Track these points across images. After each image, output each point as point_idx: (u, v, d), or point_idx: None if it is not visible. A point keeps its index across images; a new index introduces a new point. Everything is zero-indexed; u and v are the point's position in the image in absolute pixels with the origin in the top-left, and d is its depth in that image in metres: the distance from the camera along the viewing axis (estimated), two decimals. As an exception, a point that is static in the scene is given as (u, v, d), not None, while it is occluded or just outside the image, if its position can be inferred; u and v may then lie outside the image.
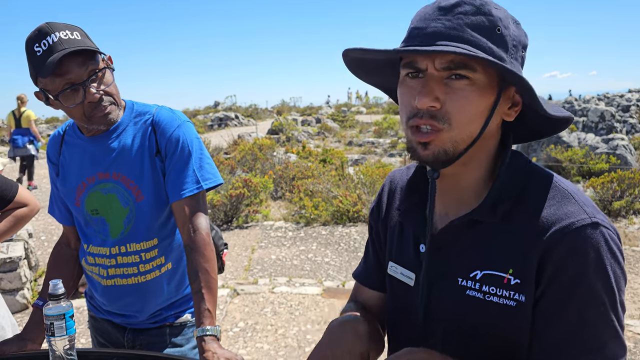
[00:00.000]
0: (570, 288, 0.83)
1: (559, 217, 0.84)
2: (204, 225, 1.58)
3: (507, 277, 0.86)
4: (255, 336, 4.03)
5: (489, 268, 0.88)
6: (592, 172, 9.92)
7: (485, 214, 0.89)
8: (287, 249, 6.33)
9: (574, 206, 0.85)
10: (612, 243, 0.84)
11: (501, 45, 0.85)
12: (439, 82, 0.84)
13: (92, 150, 1.61)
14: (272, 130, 19.49)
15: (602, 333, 0.83)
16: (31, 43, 1.43)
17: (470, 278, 0.90)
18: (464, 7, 0.84)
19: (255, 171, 10.10)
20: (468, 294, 0.90)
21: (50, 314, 1.30)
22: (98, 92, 1.48)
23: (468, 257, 0.91)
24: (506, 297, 0.86)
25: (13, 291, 4.65)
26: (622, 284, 0.85)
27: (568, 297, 0.83)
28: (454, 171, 0.92)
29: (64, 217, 1.75)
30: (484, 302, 0.88)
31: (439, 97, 0.84)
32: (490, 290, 0.88)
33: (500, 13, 0.86)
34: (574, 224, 0.83)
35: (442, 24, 0.84)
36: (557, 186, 0.89)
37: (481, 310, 0.89)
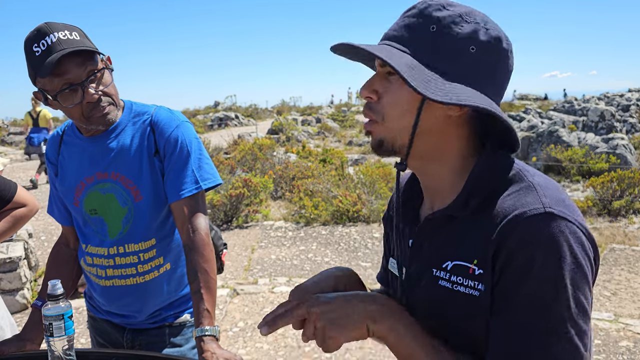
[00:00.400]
0: (517, 279, 0.81)
1: (514, 207, 0.84)
2: (203, 225, 1.58)
3: (472, 267, 0.87)
4: (255, 336, 4.02)
5: (458, 259, 0.90)
6: (592, 171, 9.92)
7: (458, 209, 0.92)
8: (287, 249, 6.33)
9: (532, 197, 0.85)
10: (570, 236, 0.81)
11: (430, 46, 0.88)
12: (382, 77, 0.92)
13: (91, 150, 1.61)
14: (272, 130, 19.49)
15: (548, 331, 0.80)
16: (30, 43, 1.42)
17: (442, 269, 0.92)
18: (412, 11, 0.91)
19: (255, 171, 10.10)
20: (439, 284, 0.92)
21: (49, 314, 1.30)
22: (97, 92, 1.48)
23: (443, 249, 0.93)
24: (471, 287, 0.87)
25: (13, 291, 4.65)
26: (580, 280, 0.81)
27: (514, 289, 0.81)
28: (417, 165, 0.97)
29: (63, 217, 1.75)
30: (452, 291, 0.89)
31: (377, 90, 0.92)
32: (458, 280, 0.89)
33: (442, 13, 0.88)
34: (525, 213, 0.82)
35: (395, 25, 0.93)
36: (524, 179, 0.89)
37: (450, 300, 0.90)
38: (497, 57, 0.90)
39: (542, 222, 0.81)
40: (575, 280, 0.80)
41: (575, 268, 0.80)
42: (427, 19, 0.88)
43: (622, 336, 3.90)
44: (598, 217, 7.39)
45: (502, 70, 0.91)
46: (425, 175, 0.98)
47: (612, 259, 5.58)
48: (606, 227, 6.83)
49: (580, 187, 9.65)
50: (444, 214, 0.93)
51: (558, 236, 0.80)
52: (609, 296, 4.66)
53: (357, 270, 5.41)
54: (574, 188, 9.68)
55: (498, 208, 0.87)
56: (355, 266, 5.62)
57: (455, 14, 0.88)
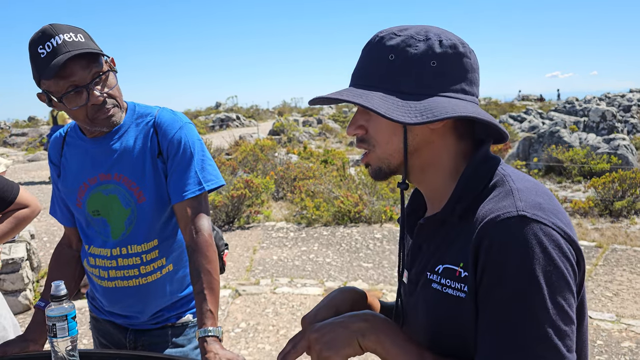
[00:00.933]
0: (493, 282, 0.83)
1: (490, 211, 0.87)
2: (206, 226, 1.59)
3: (458, 270, 0.91)
4: (257, 337, 4.03)
5: (447, 262, 0.94)
6: (594, 172, 9.90)
7: (447, 214, 0.96)
8: (288, 250, 6.33)
9: (508, 201, 0.87)
10: (543, 237, 0.82)
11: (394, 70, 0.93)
12: (362, 112, 0.99)
13: (94, 152, 1.62)
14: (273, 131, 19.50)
15: (523, 333, 0.80)
16: (35, 45, 1.42)
17: (435, 272, 0.96)
18: (369, 45, 0.98)
19: (256, 172, 10.11)
20: (432, 287, 0.96)
21: (53, 315, 1.30)
22: (101, 94, 1.48)
23: (436, 253, 0.98)
24: (458, 290, 0.91)
25: (15, 292, 4.66)
26: (557, 281, 0.81)
27: (490, 291, 0.84)
28: (417, 179, 1.03)
29: (65, 218, 1.76)
30: (442, 293, 0.93)
31: (362, 125, 0.99)
32: (447, 283, 0.93)
33: (395, 40, 0.94)
34: (499, 217, 0.84)
35: (359, 62, 1.00)
36: (505, 184, 0.93)
37: (441, 302, 0.94)
38: (458, 63, 0.95)
39: (514, 226, 0.83)
40: (551, 282, 0.81)
41: (550, 269, 0.81)
42: (384, 50, 0.94)
43: (624, 337, 3.89)
44: (600, 217, 7.39)
45: (466, 71, 0.96)
46: (423, 184, 1.04)
47: (613, 260, 5.58)
48: (608, 228, 6.82)
49: (581, 187, 9.65)
50: (435, 218, 0.99)
51: (530, 238, 0.82)
52: (610, 297, 4.66)
53: (358, 271, 5.43)
54: (576, 189, 9.68)
55: (479, 212, 0.90)
56: (356, 267, 5.62)
57: (407, 37, 0.94)
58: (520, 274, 0.81)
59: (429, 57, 0.93)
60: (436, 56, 0.93)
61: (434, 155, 0.98)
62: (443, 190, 1.00)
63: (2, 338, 1.91)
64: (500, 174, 0.95)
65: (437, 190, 1.01)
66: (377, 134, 0.97)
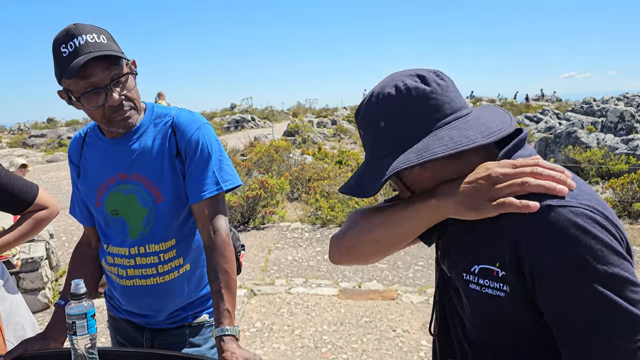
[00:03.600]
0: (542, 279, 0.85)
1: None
2: (224, 226, 1.60)
3: (495, 270, 0.92)
4: (272, 336, 4.04)
5: (483, 262, 0.95)
6: (612, 173, 9.78)
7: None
8: (303, 250, 6.34)
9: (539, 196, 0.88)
10: (577, 219, 0.83)
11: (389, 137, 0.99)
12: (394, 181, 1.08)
13: (113, 152, 1.64)
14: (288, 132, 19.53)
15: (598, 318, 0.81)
16: (58, 44, 1.45)
17: (471, 272, 0.97)
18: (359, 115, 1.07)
19: (271, 172, 10.13)
20: (470, 287, 0.97)
21: (72, 313, 1.32)
22: (119, 96, 1.50)
23: (470, 253, 0.99)
24: (497, 289, 0.92)
25: (35, 291, 4.73)
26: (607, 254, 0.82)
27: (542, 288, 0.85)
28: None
29: (84, 218, 1.78)
30: (481, 294, 0.95)
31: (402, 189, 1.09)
32: (485, 283, 0.94)
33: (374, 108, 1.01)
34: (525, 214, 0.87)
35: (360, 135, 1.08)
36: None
37: (481, 302, 0.95)
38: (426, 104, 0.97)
39: (544, 218, 0.84)
40: (597, 254, 0.82)
41: (595, 243, 0.82)
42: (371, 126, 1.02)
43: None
44: (618, 218, 7.28)
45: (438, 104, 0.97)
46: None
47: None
48: (627, 229, 6.72)
49: (599, 188, 9.52)
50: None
51: (564, 224, 0.83)
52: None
53: (373, 272, 5.42)
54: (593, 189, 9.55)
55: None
56: (371, 267, 5.61)
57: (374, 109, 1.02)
58: (570, 256, 0.82)
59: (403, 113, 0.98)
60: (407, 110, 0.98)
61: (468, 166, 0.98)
62: None
63: (21, 337, 1.94)
64: None
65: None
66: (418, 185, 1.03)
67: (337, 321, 4.28)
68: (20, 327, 1.98)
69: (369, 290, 4.96)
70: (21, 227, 2.00)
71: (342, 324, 4.21)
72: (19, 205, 1.99)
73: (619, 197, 7.59)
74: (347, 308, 4.55)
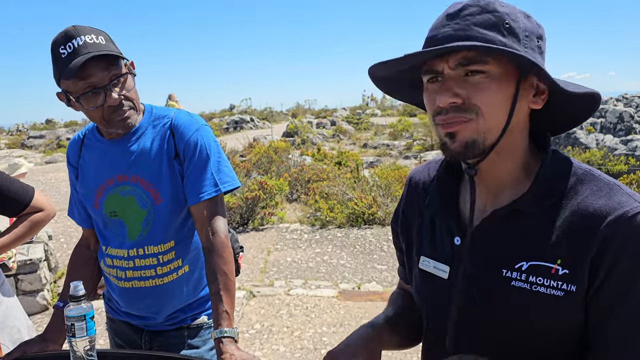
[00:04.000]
0: (630, 279, 0.83)
1: (612, 207, 0.86)
2: (223, 227, 1.60)
3: (555, 267, 0.88)
4: (271, 338, 4.04)
5: (536, 259, 0.90)
6: (611, 173, 9.78)
7: (530, 204, 0.92)
8: (302, 251, 6.34)
9: (624, 196, 0.87)
10: None
11: (512, 37, 0.87)
12: (457, 80, 0.88)
13: (112, 153, 1.63)
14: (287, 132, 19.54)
15: None
16: (57, 45, 1.45)
17: (515, 269, 0.92)
18: (470, 9, 0.88)
19: (270, 174, 10.13)
20: (513, 285, 0.91)
21: (71, 315, 1.32)
22: (118, 96, 1.50)
23: (512, 248, 0.93)
24: (554, 287, 0.88)
25: (33, 292, 4.72)
26: None
27: (627, 288, 0.84)
28: (489, 164, 0.95)
29: (83, 220, 1.78)
30: (531, 292, 0.89)
31: (458, 93, 0.88)
32: (538, 281, 0.89)
33: (506, 9, 0.88)
34: (628, 212, 0.84)
35: (452, 28, 0.88)
36: (600, 178, 0.92)
37: (527, 301, 0.90)
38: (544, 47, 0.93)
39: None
40: None
41: None
42: (497, 15, 0.87)
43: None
44: None
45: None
46: (490, 172, 0.97)
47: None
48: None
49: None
50: (511, 208, 0.93)
51: None
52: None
53: (372, 273, 5.42)
54: None
55: (587, 207, 0.88)
56: (370, 268, 5.61)
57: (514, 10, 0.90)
58: None
59: (535, 34, 0.90)
60: (540, 36, 0.91)
61: (517, 140, 0.94)
62: (512, 180, 0.96)
63: (17, 340, 1.92)
64: (580, 167, 0.94)
65: (504, 179, 0.97)
66: (483, 102, 0.87)
67: (337, 323, 4.27)
68: (16, 331, 1.97)
69: (368, 292, 4.96)
70: (17, 229, 1.98)
71: (342, 326, 4.21)
72: (15, 208, 1.98)
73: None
74: (346, 309, 4.54)
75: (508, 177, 0.97)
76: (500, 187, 0.97)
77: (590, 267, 0.85)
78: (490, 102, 0.87)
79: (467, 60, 0.86)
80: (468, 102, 0.87)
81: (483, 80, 0.87)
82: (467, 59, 0.86)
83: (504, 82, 0.87)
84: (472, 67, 0.86)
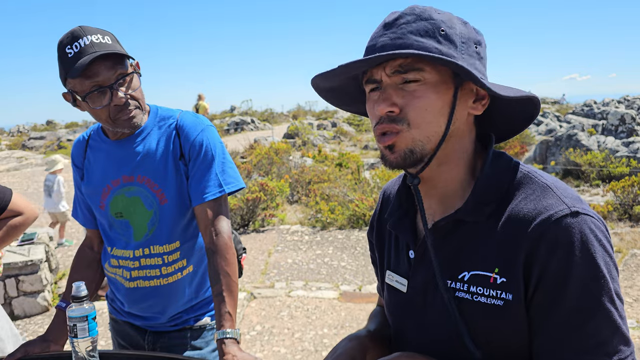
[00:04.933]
0: (561, 283, 0.81)
1: (538, 211, 0.84)
2: (226, 228, 1.59)
3: (493, 277, 0.86)
4: (272, 340, 4.03)
5: (476, 268, 0.89)
6: (612, 175, 9.78)
7: (470, 214, 0.91)
8: (303, 253, 6.34)
9: (553, 198, 0.85)
10: (597, 231, 0.82)
11: (449, 43, 0.87)
12: (395, 88, 0.88)
13: (118, 154, 1.64)
14: (288, 134, 19.55)
15: (601, 328, 0.80)
16: (63, 45, 1.45)
17: (458, 280, 0.91)
18: (405, 17, 0.88)
19: (271, 175, 10.13)
20: (457, 296, 0.91)
21: (74, 315, 1.31)
22: (124, 95, 1.50)
23: (455, 258, 0.92)
24: (493, 297, 0.86)
25: (34, 293, 4.72)
26: (614, 272, 0.82)
27: (559, 292, 0.81)
28: (431, 173, 0.94)
29: (87, 221, 1.77)
30: (473, 302, 0.88)
31: (396, 102, 0.88)
32: (478, 291, 0.88)
33: (442, 16, 0.89)
34: (553, 216, 0.82)
35: (388, 37, 0.88)
36: (536, 180, 0.90)
37: (471, 312, 0.89)
38: (484, 52, 0.93)
39: (572, 222, 0.82)
40: (611, 271, 0.82)
41: (608, 259, 0.82)
42: (432, 23, 0.87)
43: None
44: (619, 222, 7.28)
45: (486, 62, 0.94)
46: (434, 181, 0.96)
47: (633, 265, 5.49)
48: (627, 232, 6.72)
49: (600, 191, 9.52)
50: (453, 219, 0.92)
51: (588, 233, 0.81)
52: (631, 302, 4.58)
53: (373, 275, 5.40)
54: (594, 192, 9.56)
55: (518, 213, 0.86)
56: (371, 270, 5.60)
57: (450, 17, 0.90)
58: (588, 270, 0.80)
59: (472, 39, 0.90)
60: (477, 41, 0.91)
61: (459, 147, 0.93)
62: (457, 189, 0.95)
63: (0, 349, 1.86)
64: (520, 170, 0.92)
65: (449, 188, 0.95)
66: (418, 111, 0.87)
67: (338, 324, 4.27)
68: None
69: (369, 293, 4.95)
70: None
71: (343, 327, 4.20)
72: None
73: (620, 200, 7.59)
74: (347, 311, 4.54)
75: (455, 185, 0.95)
76: (448, 195, 0.96)
77: (524, 273, 0.84)
78: (424, 111, 0.87)
79: (403, 68, 0.86)
80: (403, 112, 0.87)
81: (419, 88, 0.87)
82: (404, 66, 0.86)
83: (441, 89, 0.87)
84: (409, 75, 0.86)
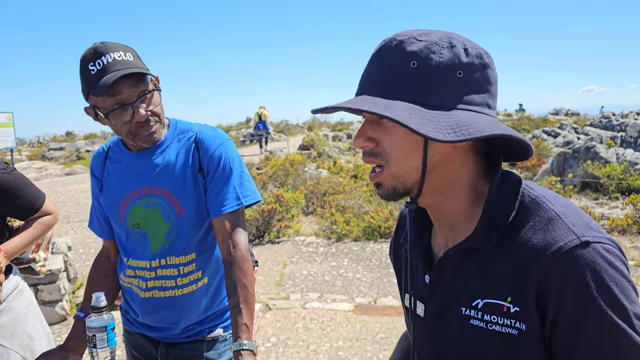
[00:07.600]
0: (578, 316, 0.80)
1: (547, 243, 0.82)
2: (243, 241, 1.61)
3: (506, 305, 0.85)
4: (287, 351, 4.02)
5: (489, 296, 0.87)
6: (632, 188, 9.64)
7: (479, 241, 0.89)
8: (318, 265, 6.33)
9: (561, 228, 0.83)
10: (610, 256, 0.80)
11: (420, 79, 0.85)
12: (372, 123, 0.90)
13: (137, 165, 1.66)
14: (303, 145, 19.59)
15: (628, 355, 0.79)
16: (86, 62, 1.49)
17: (472, 307, 0.89)
18: (385, 50, 0.88)
19: (286, 186, 10.16)
20: (472, 324, 0.89)
21: (93, 325, 1.33)
22: (146, 112, 1.54)
23: (469, 285, 0.91)
24: (508, 326, 0.85)
25: (52, 303, 4.77)
26: (633, 294, 0.80)
27: (579, 325, 0.80)
28: (432, 201, 0.94)
29: (104, 232, 1.80)
30: (487, 331, 0.87)
31: (373, 137, 0.89)
32: (492, 319, 0.87)
33: (418, 46, 0.85)
34: (562, 248, 0.80)
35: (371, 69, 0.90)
36: (543, 207, 0.87)
37: (485, 340, 0.88)
38: (483, 74, 0.87)
39: (583, 253, 0.80)
40: (629, 295, 0.80)
41: (624, 283, 0.81)
42: (404, 55, 0.85)
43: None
44: (638, 235, 7.17)
45: (490, 84, 0.89)
46: (438, 208, 0.95)
47: (654, 279, 5.40)
48: (647, 246, 6.61)
49: (619, 204, 9.38)
50: (462, 247, 0.91)
51: (601, 262, 0.80)
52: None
53: (389, 287, 5.38)
54: (613, 205, 9.42)
55: (527, 242, 0.85)
56: (387, 282, 5.58)
57: (430, 43, 0.85)
58: (603, 298, 0.79)
59: (455, 66, 0.84)
60: (463, 66, 0.85)
61: (454, 174, 0.91)
62: (464, 216, 0.93)
63: (27, 346, 1.95)
64: (528, 194, 0.90)
65: (455, 215, 0.94)
66: (394, 149, 0.88)
67: (353, 337, 4.25)
68: (26, 337, 1.98)
69: (384, 306, 4.93)
70: (30, 231, 2.05)
71: (358, 340, 4.18)
72: (27, 212, 2.05)
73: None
74: (362, 324, 4.52)
75: (459, 213, 0.94)
76: (458, 220, 0.94)
77: (537, 305, 0.82)
78: (397, 148, 0.87)
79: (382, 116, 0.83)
80: (380, 147, 0.89)
81: (392, 125, 0.87)
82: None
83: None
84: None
